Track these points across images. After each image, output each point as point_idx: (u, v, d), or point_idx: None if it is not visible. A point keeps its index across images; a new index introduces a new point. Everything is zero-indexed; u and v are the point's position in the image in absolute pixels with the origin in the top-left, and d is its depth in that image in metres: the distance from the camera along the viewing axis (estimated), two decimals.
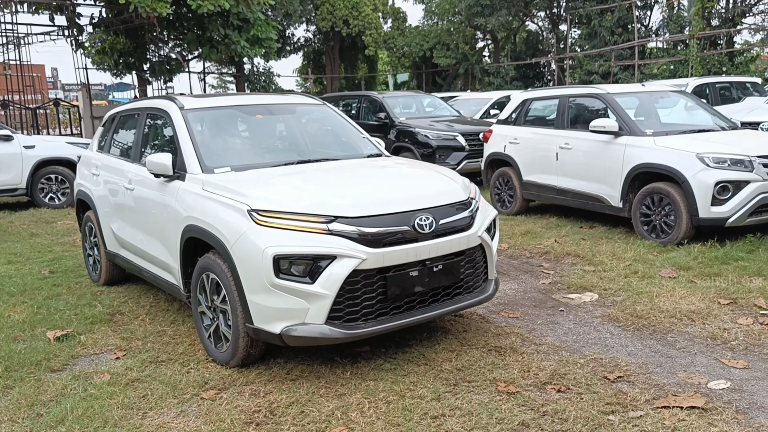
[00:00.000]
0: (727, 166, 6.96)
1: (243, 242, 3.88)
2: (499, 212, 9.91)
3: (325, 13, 38.47)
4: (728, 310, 5.14)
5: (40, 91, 38.41)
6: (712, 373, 4.01)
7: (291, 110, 5.71)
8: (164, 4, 19.18)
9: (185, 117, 5.05)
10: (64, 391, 4.03)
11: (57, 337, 5.01)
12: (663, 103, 8.95)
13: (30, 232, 9.72)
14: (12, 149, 11.74)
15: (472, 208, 4.42)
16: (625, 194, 7.81)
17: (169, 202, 4.74)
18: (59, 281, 6.80)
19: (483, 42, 42.53)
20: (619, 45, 29.68)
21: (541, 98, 9.68)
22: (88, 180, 6.53)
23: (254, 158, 4.96)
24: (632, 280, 6.05)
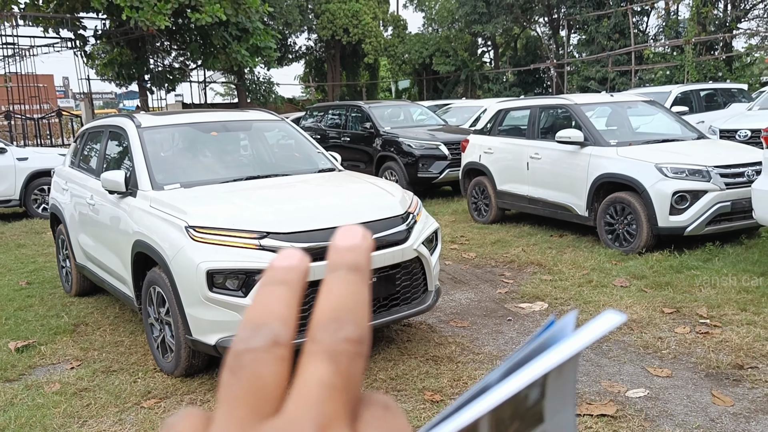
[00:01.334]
0: (684, 176, 7.10)
1: (180, 257, 4.06)
2: (476, 221, 10.08)
3: (326, 22, 38.72)
4: (669, 319, 5.29)
5: (47, 101, 38.80)
6: (635, 381, 4.16)
7: (247, 127, 5.90)
8: (163, 17, 19.49)
9: (140, 135, 5.24)
10: (13, 401, 4.22)
11: (17, 348, 5.20)
12: (632, 112, 9.09)
13: (18, 243, 9.94)
14: (5, 161, 12.00)
15: (409, 221, 4.59)
16: (590, 203, 7.96)
17: (122, 217, 4.94)
18: (34, 292, 7.00)
19: (483, 48, 42.74)
20: (616, 51, 29.81)
21: (515, 109, 9.84)
22: (60, 193, 6.74)
23: (204, 175, 5.15)
24: (584, 290, 6.19)
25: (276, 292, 0.32)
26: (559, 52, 36.60)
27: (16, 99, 25.21)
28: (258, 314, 0.31)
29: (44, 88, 35.45)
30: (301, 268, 0.34)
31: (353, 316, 0.30)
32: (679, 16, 30.52)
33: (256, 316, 0.31)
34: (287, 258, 0.34)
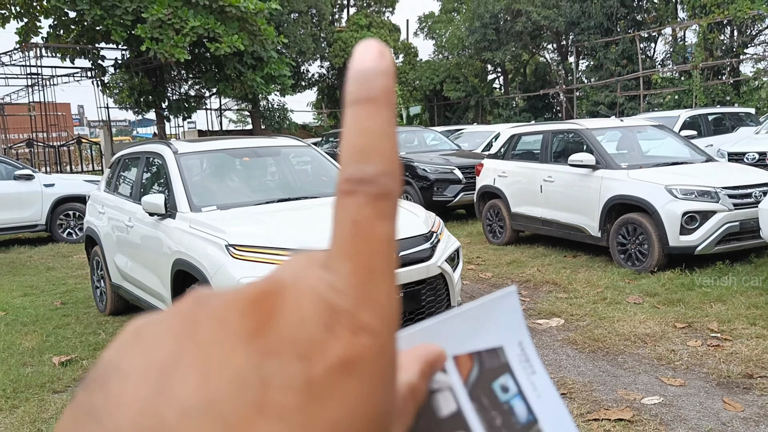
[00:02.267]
0: (694, 197, 7.37)
1: (221, 274, 4.36)
2: (491, 242, 10.34)
3: (338, 50, 39.38)
4: (681, 333, 5.52)
5: (65, 129, 39.54)
6: (650, 390, 4.40)
7: (276, 152, 6.23)
8: (182, 50, 19.99)
9: (178, 160, 5.57)
10: (63, 410, 4.48)
11: (62, 362, 5.50)
12: (642, 136, 9.38)
13: (47, 266, 10.27)
14: (33, 187, 12.41)
15: (433, 240, 4.87)
16: (603, 224, 8.22)
17: (161, 237, 5.25)
18: (69, 312, 7.31)
19: (493, 74, 43.26)
20: (624, 76, 30.19)
21: (527, 134, 10.16)
22: (96, 217, 7.07)
23: (238, 197, 5.47)
24: (599, 306, 6.44)
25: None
26: (568, 78, 37.06)
27: (36, 127, 25.82)
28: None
29: (62, 116, 36.16)
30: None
31: (378, 150, 0.28)
32: (686, 41, 30.90)
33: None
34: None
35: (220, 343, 0.26)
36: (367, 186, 0.28)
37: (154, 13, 19.79)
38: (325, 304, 0.26)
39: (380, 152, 0.28)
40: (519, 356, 0.42)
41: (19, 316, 7.14)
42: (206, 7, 20.89)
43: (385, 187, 0.28)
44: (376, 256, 0.27)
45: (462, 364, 0.40)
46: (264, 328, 0.26)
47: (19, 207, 12.20)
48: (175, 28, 20.33)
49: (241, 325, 0.26)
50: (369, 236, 0.27)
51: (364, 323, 0.26)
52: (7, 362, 5.57)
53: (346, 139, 0.29)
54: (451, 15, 43.49)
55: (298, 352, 0.25)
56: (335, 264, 0.27)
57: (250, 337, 0.25)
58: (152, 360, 0.26)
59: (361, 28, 39.88)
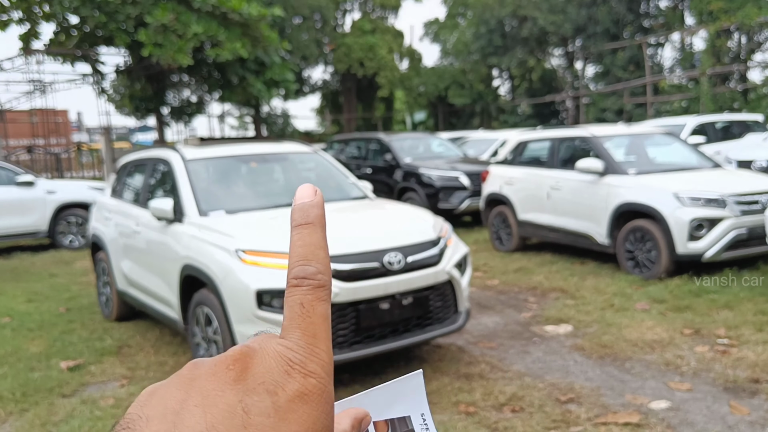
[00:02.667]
0: (701, 204, 7.35)
1: (230, 278, 4.37)
2: (497, 250, 10.33)
3: (342, 56, 39.44)
4: (689, 339, 5.50)
5: (64, 135, 39.73)
6: (657, 394, 4.38)
7: (283, 158, 6.24)
8: (184, 54, 20.02)
9: (186, 166, 5.58)
10: (73, 413, 4.51)
11: (69, 367, 5.51)
12: (650, 143, 9.37)
13: (50, 273, 10.29)
14: (35, 194, 12.35)
15: (441, 245, 4.87)
16: (610, 231, 8.20)
17: (169, 243, 5.26)
18: (74, 317, 7.32)
19: (498, 80, 43.27)
20: (632, 83, 30.16)
21: (535, 140, 10.15)
22: (101, 223, 7.08)
23: (246, 202, 5.48)
24: (607, 313, 6.42)
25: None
26: (575, 84, 37.06)
27: (36, 134, 25.92)
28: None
29: (61, 122, 36.33)
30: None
31: (316, 258, 0.43)
32: (694, 48, 30.87)
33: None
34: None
35: (214, 388, 0.38)
36: (309, 281, 0.42)
37: (158, 18, 19.83)
38: (284, 359, 0.39)
39: (317, 258, 0.43)
40: (421, 425, 0.55)
41: (24, 321, 7.15)
42: (209, 13, 20.93)
43: (321, 281, 0.42)
44: (317, 326, 0.41)
45: (379, 428, 0.54)
46: (243, 375, 0.38)
47: (21, 213, 12.12)
48: (177, 33, 20.37)
49: (227, 375, 0.38)
50: (311, 313, 0.41)
51: (310, 370, 0.39)
52: (15, 367, 5.58)
53: (293, 250, 0.43)
54: (456, 20, 43.53)
55: (268, 389, 0.38)
56: (289, 333, 0.40)
57: (234, 382, 0.38)
58: (167, 406, 0.37)
59: (365, 34, 39.93)
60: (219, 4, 20.66)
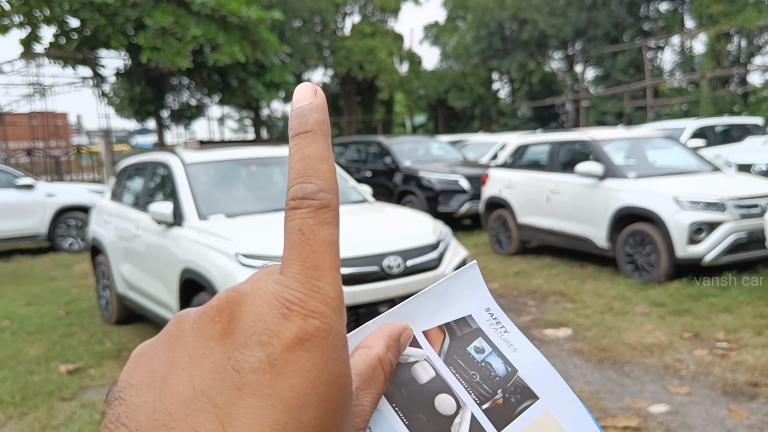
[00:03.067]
0: (701, 207, 7.35)
1: (230, 282, 4.37)
2: (497, 253, 10.34)
3: (341, 59, 39.49)
4: (688, 343, 5.50)
5: (64, 138, 39.75)
6: (656, 398, 4.38)
7: (283, 162, 6.24)
8: (182, 57, 20.01)
9: (186, 170, 5.59)
10: (72, 417, 4.52)
11: (69, 371, 5.51)
12: (649, 147, 9.37)
13: (49, 276, 10.29)
14: (34, 197, 12.33)
15: (440, 249, 4.88)
16: (610, 235, 8.20)
17: (168, 246, 5.26)
18: (74, 321, 7.32)
19: (498, 83, 43.32)
20: (632, 86, 30.19)
21: (534, 144, 10.16)
22: (101, 226, 7.09)
23: (245, 206, 5.48)
24: (606, 317, 6.42)
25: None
26: (575, 87, 37.10)
27: (36, 136, 25.93)
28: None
29: (61, 125, 36.34)
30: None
31: (316, 173, 0.36)
32: (694, 51, 30.90)
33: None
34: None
35: (200, 347, 0.34)
36: (309, 201, 0.35)
37: (157, 20, 19.84)
38: (280, 300, 0.33)
39: (318, 173, 0.36)
40: (489, 320, 0.48)
41: (24, 325, 7.15)
42: (208, 16, 20.92)
43: (324, 200, 0.36)
44: (319, 254, 0.34)
45: (433, 336, 0.46)
46: (230, 327, 0.34)
47: (20, 216, 12.11)
48: (176, 36, 20.37)
49: (212, 329, 0.34)
50: (312, 240, 0.35)
51: (312, 309, 0.33)
52: (14, 370, 5.58)
53: (291, 165, 0.37)
54: (456, 23, 43.59)
55: (260, 341, 0.32)
56: (287, 267, 0.35)
57: (220, 337, 0.33)
58: (154, 371, 0.34)
59: (365, 37, 39.98)
60: (218, 7, 20.66)
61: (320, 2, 36.63)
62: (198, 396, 0.32)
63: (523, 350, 0.47)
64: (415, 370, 0.44)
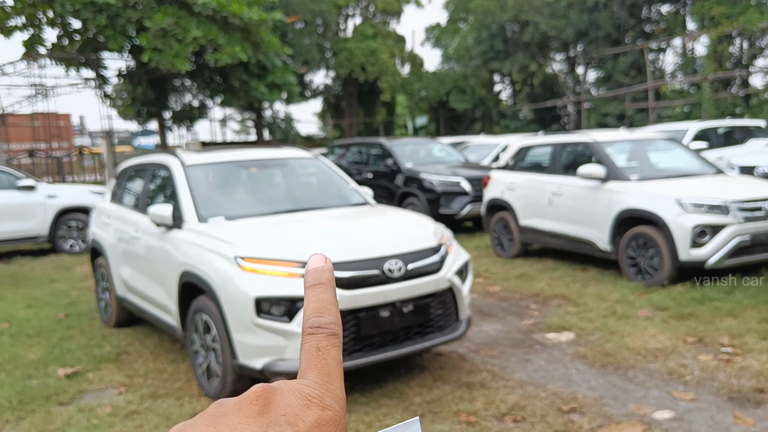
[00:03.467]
0: (704, 210, 7.30)
1: (229, 286, 4.32)
2: (499, 256, 10.28)
3: (343, 60, 39.47)
4: (692, 348, 5.45)
5: (66, 139, 39.70)
6: (661, 404, 4.33)
7: (283, 163, 6.19)
8: (182, 60, 19.98)
9: (185, 171, 5.54)
10: (70, 422, 4.47)
11: (67, 374, 5.46)
12: (652, 149, 9.32)
13: (49, 278, 10.24)
14: (35, 198, 12.30)
15: (442, 252, 4.82)
16: (612, 238, 8.15)
17: (168, 249, 5.21)
18: (73, 324, 7.27)
19: (500, 85, 43.26)
20: (633, 88, 30.13)
21: (536, 146, 10.11)
22: (101, 228, 7.04)
23: (246, 209, 5.43)
24: (609, 320, 6.37)
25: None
26: (576, 89, 37.04)
27: (38, 138, 25.87)
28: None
29: (63, 126, 36.33)
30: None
31: (328, 311, 0.49)
32: (696, 53, 30.84)
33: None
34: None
35: (240, 422, 0.42)
36: (323, 329, 0.48)
37: (157, 22, 19.80)
38: (303, 394, 0.44)
39: (329, 311, 0.49)
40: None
41: (23, 327, 7.10)
42: (209, 18, 20.88)
43: (334, 330, 0.48)
44: (331, 366, 0.46)
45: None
46: (266, 409, 0.43)
47: (21, 218, 12.07)
48: (177, 38, 20.33)
49: (251, 410, 0.43)
50: (326, 355, 0.47)
51: (326, 403, 0.44)
52: (12, 374, 5.53)
53: (308, 305, 0.50)
54: (458, 25, 43.55)
55: (289, 421, 0.42)
56: (306, 373, 0.46)
57: (258, 415, 0.43)
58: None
59: (367, 38, 39.95)
60: (220, 8, 20.62)
61: (322, 4, 36.60)
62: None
63: None
64: None
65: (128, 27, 20.58)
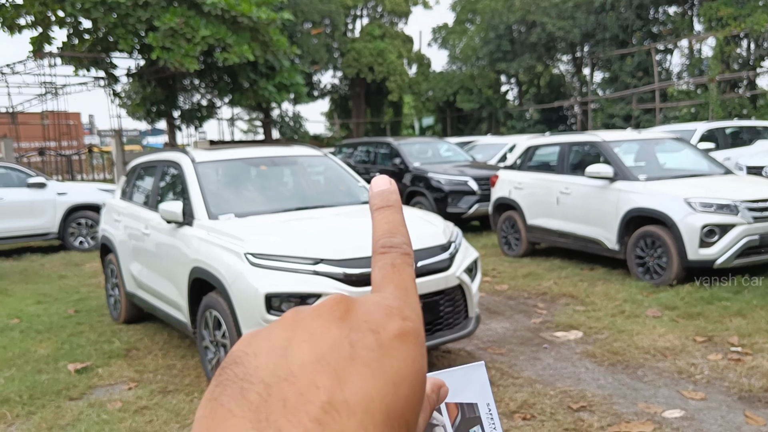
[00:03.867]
0: (713, 210, 7.29)
1: (239, 282, 4.34)
2: (506, 255, 10.28)
3: (351, 60, 39.50)
4: (701, 347, 5.45)
5: (76, 138, 39.82)
6: (670, 403, 4.33)
7: (293, 161, 6.21)
8: (191, 59, 20.04)
9: (196, 169, 5.57)
10: (80, 417, 4.49)
11: (77, 370, 5.49)
12: (660, 149, 9.31)
13: (59, 274, 10.29)
14: (46, 195, 12.42)
15: (451, 250, 4.83)
16: (620, 237, 8.14)
17: (178, 245, 5.24)
18: (83, 320, 7.30)
19: (507, 86, 43.21)
20: (640, 88, 30.06)
21: (544, 145, 10.11)
22: (111, 225, 7.07)
23: (255, 206, 5.45)
24: (617, 319, 6.36)
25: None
26: (583, 90, 36.97)
27: (48, 136, 26.01)
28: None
29: (73, 125, 36.42)
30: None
31: (399, 232, 0.48)
32: (703, 54, 30.74)
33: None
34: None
35: (320, 326, 0.40)
36: (396, 248, 0.48)
37: (167, 22, 19.86)
38: (383, 305, 0.42)
39: (401, 233, 0.49)
40: (487, 414, 0.58)
41: (33, 323, 7.14)
42: (218, 17, 20.94)
43: (407, 250, 0.48)
44: (407, 282, 0.46)
45: (450, 410, 0.57)
46: (347, 315, 0.41)
47: (32, 215, 12.22)
48: (186, 37, 20.40)
49: (331, 314, 0.41)
50: (402, 272, 0.46)
51: (406, 314, 0.42)
52: (22, 369, 5.57)
53: (379, 226, 0.49)
54: (465, 26, 43.52)
55: (371, 328, 0.40)
56: (383, 288, 0.45)
57: (339, 320, 0.41)
58: (273, 343, 0.39)
59: (375, 39, 39.98)
60: (229, 8, 20.67)
61: (330, 4, 36.62)
62: (318, 360, 0.38)
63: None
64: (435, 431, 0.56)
65: (138, 26, 20.65)
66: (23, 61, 23.80)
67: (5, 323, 7.16)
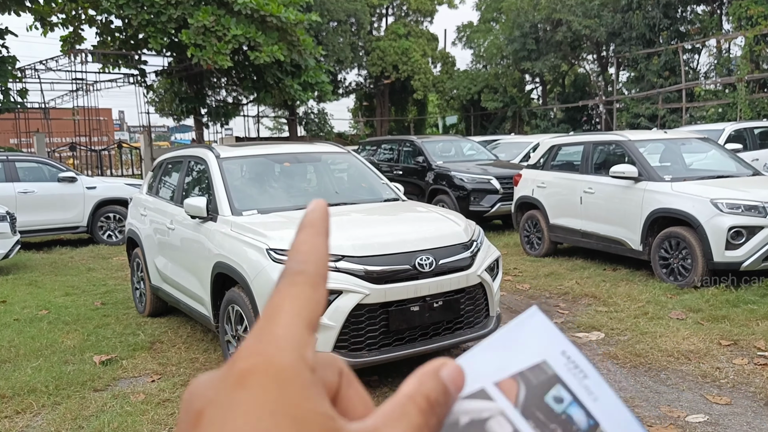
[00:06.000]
0: (740, 211, 7.20)
1: (261, 277, 4.37)
2: (528, 254, 10.24)
3: (376, 59, 39.53)
4: (727, 351, 5.39)
5: (107, 134, 40.25)
6: (694, 407, 4.29)
7: (317, 158, 6.24)
8: (224, 56, 20.26)
9: (220, 165, 5.62)
10: (104, 408, 4.56)
11: (102, 361, 5.57)
12: (686, 149, 9.21)
13: (87, 267, 10.44)
14: (76, 189, 12.68)
15: (473, 249, 4.83)
16: (644, 238, 8.08)
17: (202, 240, 5.29)
18: (109, 312, 7.40)
19: (531, 85, 42.99)
20: (666, 88, 29.75)
21: (567, 144, 10.05)
22: (137, 220, 7.16)
23: (279, 202, 5.49)
24: (640, 321, 6.32)
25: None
26: (608, 89, 36.66)
27: (79, 132, 26.35)
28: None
29: (104, 121, 36.84)
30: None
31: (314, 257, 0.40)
32: (731, 53, 30.33)
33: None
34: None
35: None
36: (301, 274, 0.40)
37: (200, 19, 20.09)
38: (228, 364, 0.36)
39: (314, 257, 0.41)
40: (566, 365, 0.43)
41: (60, 315, 7.25)
42: (248, 17, 21.12)
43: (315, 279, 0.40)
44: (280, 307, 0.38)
45: (507, 388, 0.42)
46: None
47: (62, 208, 12.49)
48: (217, 35, 20.60)
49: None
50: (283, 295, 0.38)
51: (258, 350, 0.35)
52: (49, 359, 5.66)
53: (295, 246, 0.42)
54: (489, 25, 43.33)
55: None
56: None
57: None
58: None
59: (400, 37, 39.97)
60: (258, 7, 20.83)
61: (356, 3, 36.66)
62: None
63: (605, 400, 0.42)
64: (490, 427, 0.41)
65: (169, 25, 20.89)
66: (55, 58, 24.13)
67: (34, 314, 7.29)
